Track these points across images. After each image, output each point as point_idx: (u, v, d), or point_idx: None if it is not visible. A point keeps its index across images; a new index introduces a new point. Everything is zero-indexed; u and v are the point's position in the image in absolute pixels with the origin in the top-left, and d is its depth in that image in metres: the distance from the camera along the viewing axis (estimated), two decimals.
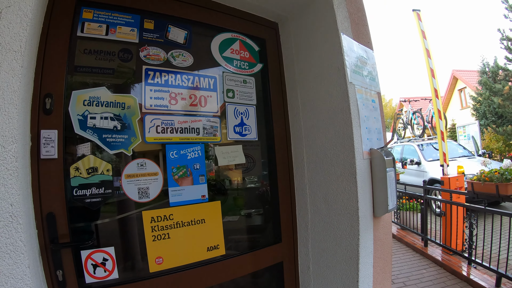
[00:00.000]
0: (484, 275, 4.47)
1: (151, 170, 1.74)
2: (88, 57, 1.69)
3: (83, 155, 1.60)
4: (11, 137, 1.23)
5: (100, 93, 1.65)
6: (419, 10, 6.61)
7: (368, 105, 2.16)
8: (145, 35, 1.82)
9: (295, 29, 2.31)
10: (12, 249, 1.23)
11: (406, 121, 14.14)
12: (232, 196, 2.26)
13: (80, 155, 1.61)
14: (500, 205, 8.51)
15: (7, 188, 1.22)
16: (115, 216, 1.80)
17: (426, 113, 12.95)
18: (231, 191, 2.29)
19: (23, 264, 1.25)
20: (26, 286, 1.25)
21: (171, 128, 1.84)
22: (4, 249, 1.21)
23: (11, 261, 1.22)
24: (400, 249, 6.20)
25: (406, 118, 14.19)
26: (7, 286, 1.21)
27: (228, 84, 2.12)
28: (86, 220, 1.68)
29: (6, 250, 1.21)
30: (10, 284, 1.22)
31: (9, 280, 1.22)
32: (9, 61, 1.24)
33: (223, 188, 2.20)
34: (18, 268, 1.24)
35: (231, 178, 2.28)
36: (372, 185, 2.10)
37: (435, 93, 6.34)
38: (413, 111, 13.69)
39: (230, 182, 2.27)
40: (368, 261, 2.02)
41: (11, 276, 1.22)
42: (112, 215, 1.79)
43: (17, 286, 1.23)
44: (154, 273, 1.73)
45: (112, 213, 1.79)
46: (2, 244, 1.20)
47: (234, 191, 2.31)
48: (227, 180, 2.25)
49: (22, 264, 1.24)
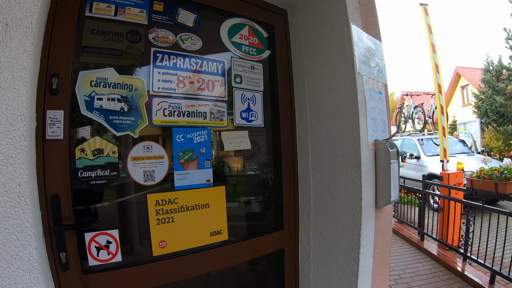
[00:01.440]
0: (478, 271, 4.51)
1: (157, 153, 1.74)
2: (96, 38, 1.66)
3: (89, 137, 1.59)
4: (20, 115, 1.23)
5: (108, 74, 1.63)
6: (427, 4, 6.54)
7: (374, 96, 2.15)
8: (154, 17, 1.80)
9: (304, 17, 2.29)
10: (19, 230, 1.23)
11: (407, 115, 14.08)
12: (231, 182, 2.26)
13: (85, 136, 1.60)
14: (497, 203, 8.56)
15: (15, 167, 1.22)
16: (119, 199, 1.80)
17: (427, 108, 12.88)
18: (233, 177, 2.30)
19: (30, 246, 1.25)
20: (32, 268, 1.26)
21: (178, 112, 1.83)
22: (11, 230, 1.21)
23: (18, 242, 1.22)
24: (396, 242, 6.25)
25: (407, 112, 14.12)
26: (14, 268, 1.22)
27: (236, 69, 2.11)
28: (91, 203, 1.68)
29: (13, 231, 1.21)
30: (17, 266, 1.22)
31: (15, 261, 1.22)
32: (20, 37, 1.23)
33: (223, 174, 2.20)
34: (25, 250, 1.24)
35: (233, 164, 2.28)
36: (376, 176, 2.10)
37: (439, 89, 6.31)
38: (414, 105, 13.61)
39: (230, 168, 2.27)
40: (368, 251, 2.04)
41: (18, 257, 1.23)
42: (117, 198, 1.79)
43: (24, 268, 1.24)
44: (158, 257, 1.73)
45: (116, 195, 1.79)
46: (10, 225, 1.20)
47: (235, 177, 2.31)
48: (227, 166, 2.25)
49: (29, 245, 1.25)
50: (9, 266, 1.20)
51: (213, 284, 2.16)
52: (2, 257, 1.19)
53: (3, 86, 1.19)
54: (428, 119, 12.71)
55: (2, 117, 1.18)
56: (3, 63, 1.19)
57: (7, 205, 1.19)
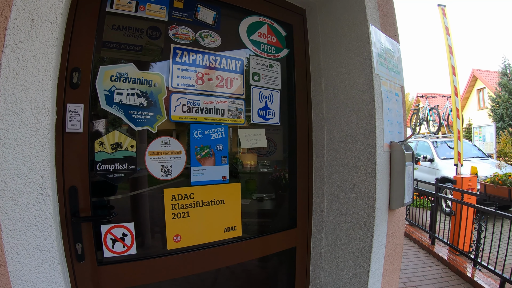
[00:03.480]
0: (488, 278, 4.45)
1: (174, 149, 1.76)
2: (116, 33, 1.69)
3: (108, 131, 1.62)
4: (44, 109, 1.25)
5: (128, 70, 1.65)
6: (444, 5, 6.45)
7: (391, 98, 2.14)
8: (174, 13, 1.82)
9: (322, 17, 2.28)
10: (41, 221, 1.25)
11: (422, 117, 13.92)
12: (245, 179, 2.25)
13: (105, 130, 1.62)
14: (510, 209, 8.43)
15: (39, 159, 1.24)
16: (136, 192, 1.82)
17: (442, 110, 12.72)
18: (248, 175, 2.31)
19: (50, 237, 1.27)
20: (52, 258, 1.28)
21: (197, 108, 1.85)
22: (33, 221, 1.23)
23: (39, 233, 1.25)
24: (407, 245, 6.19)
25: (422, 114, 13.96)
26: (34, 258, 1.24)
27: (255, 67, 2.11)
28: (108, 195, 1.71)
29: (35, 222, 1.24)
30: (37, 256, 1.25)
31: (36, 252, 1.24)
32: (45, 32, 1.25)
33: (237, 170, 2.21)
34: (46, 240, 1.26)
35: (248, 161, 2.29)
36: (390, 177, 2.09)
37: (455, 91, 6.22)
38: (430, 108, 13.45)
39: (243, 165, 2.27)
40: (380, 253, 2.03)
41: (38, 248, 1.25)
42: (134, 191, 1.82)
43: (44, 258, 1.26)
44: (172, 251, 1.76)
45: (133, 189, 1.82)
46: (31, 216, 1.23)
47: (248, 174, 2.32)
48: (240, 163, 2.26)
49: (49, 236, 1.27)
50: (30, 256, 1.23)
51: (224, 280, 2.18)
52: (23, 247, 1.21)
53: (29, 80, 1.21)
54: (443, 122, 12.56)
55: (27, 110, 1.21)
56: (28, 57, 1.21)
57: (30, 196, 1.22)
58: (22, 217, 1.21)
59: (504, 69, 19.75)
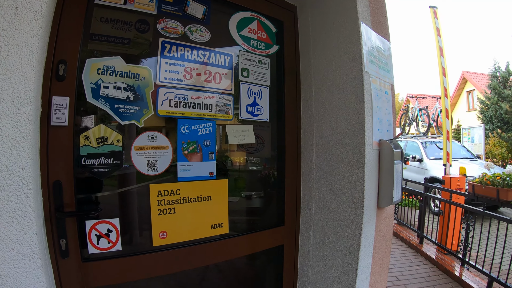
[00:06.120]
0: (476, 277, 4.49)
1: (161, 144, 1.73)
2: (104, 26, 1.66)
3: (93, 124, 1.59)
4: (26, 99, 1.23)
5: (115, 63, 1.63)
6: (436, 7, 6.49)
7: (381, 96, 2.14)
8: (164, 7, 1.79)
9: (313, 14, 2.28)
10: (21, 214, 1.23)
11: (412, 117, 14.08)
12: (233, 177, 2.24)
13: (90, 124, 1.59)
14: (498, 210, 8.53)
15: (19, 151, 1.22)
16: (121, 188, 1.80)
17: (432, 111, 12.88)
18: (236, 172, 2.29)
19: (31, 231, 1.25)
20: (33, 253, 1.26)
21: (184, 103, 1.82)
22: (12, 214, 1.21)
23: (19, 226, 1.22)
24: (395, 244, 6.23)
25: (411, 115, 14.12)
26: (13, 252, 1.22)
27: (244, 63, 2.10)
28: (93, 190, 1.67)
29: (15, 215, 1.21)
30: (17, 250, 1.22)
31: (15, 246, 1.22)
32: (29, 21, 1.23)
33: (226, 167, 2.20)
34: (26, 234, 1.24)
35: (236, 158, 2.27)
36: (379, 175, 2.09)
37: (445, 92, 6.28)
38: (419, 108, 13.61)
39: (232, 162, 2.26)
40: (368, 251, 2.03)
41: (18, 242, 1.23)
42: (119, 187, 1.79)
43: (24, 253, 1.24)
44: (158, 247, 1.74)
45: (119, 184, 1.79)
46: (11, 209, 1.20)
47: (237, 172, 2.31)
48: (229, 160, 2.24)
49: (30, 230, 1.25)
50: (9, 250, 1.21)
51: (211, 277, 2.16)
52: (2, 241, 1.19)
53: (11, 69, 1.18)
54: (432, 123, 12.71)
55: (8, 100, 1.18)
56: (11, 45, 1.19)
57: (10, 189, 1.19)
58: (1, 210, 1.18)
59: (494, 71, 19.97)
